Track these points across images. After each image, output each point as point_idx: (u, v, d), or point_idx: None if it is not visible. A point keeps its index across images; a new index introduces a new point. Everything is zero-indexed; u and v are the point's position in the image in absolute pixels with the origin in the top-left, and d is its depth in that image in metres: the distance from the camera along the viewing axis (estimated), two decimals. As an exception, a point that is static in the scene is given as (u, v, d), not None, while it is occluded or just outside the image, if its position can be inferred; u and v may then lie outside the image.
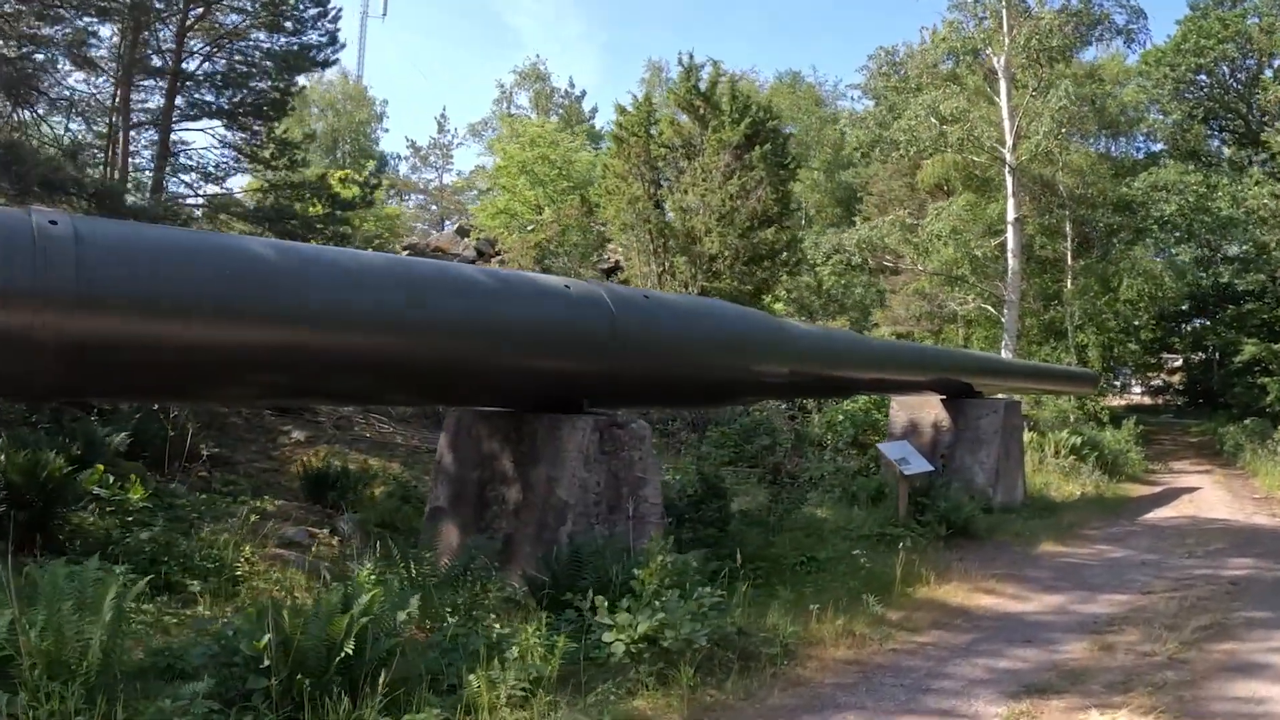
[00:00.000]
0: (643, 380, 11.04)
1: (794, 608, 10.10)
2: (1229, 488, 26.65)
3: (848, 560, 12.90)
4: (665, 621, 7.81)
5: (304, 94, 32.62)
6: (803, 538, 14.22)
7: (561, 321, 9.71)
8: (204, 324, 7.30)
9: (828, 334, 16.67)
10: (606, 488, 10.17)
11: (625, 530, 10.05)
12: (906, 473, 15.82)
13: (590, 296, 10.10)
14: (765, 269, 29.41)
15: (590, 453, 9.95)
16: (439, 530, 10.64)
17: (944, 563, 13.44)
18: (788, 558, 12.95)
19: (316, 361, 8.22)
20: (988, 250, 34.92)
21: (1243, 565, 14.27)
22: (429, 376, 9.24)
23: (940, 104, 32.37)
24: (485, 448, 10.68)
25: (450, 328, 8.85)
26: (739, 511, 14.56)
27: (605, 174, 32.08)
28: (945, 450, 20.05)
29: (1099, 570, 14.13)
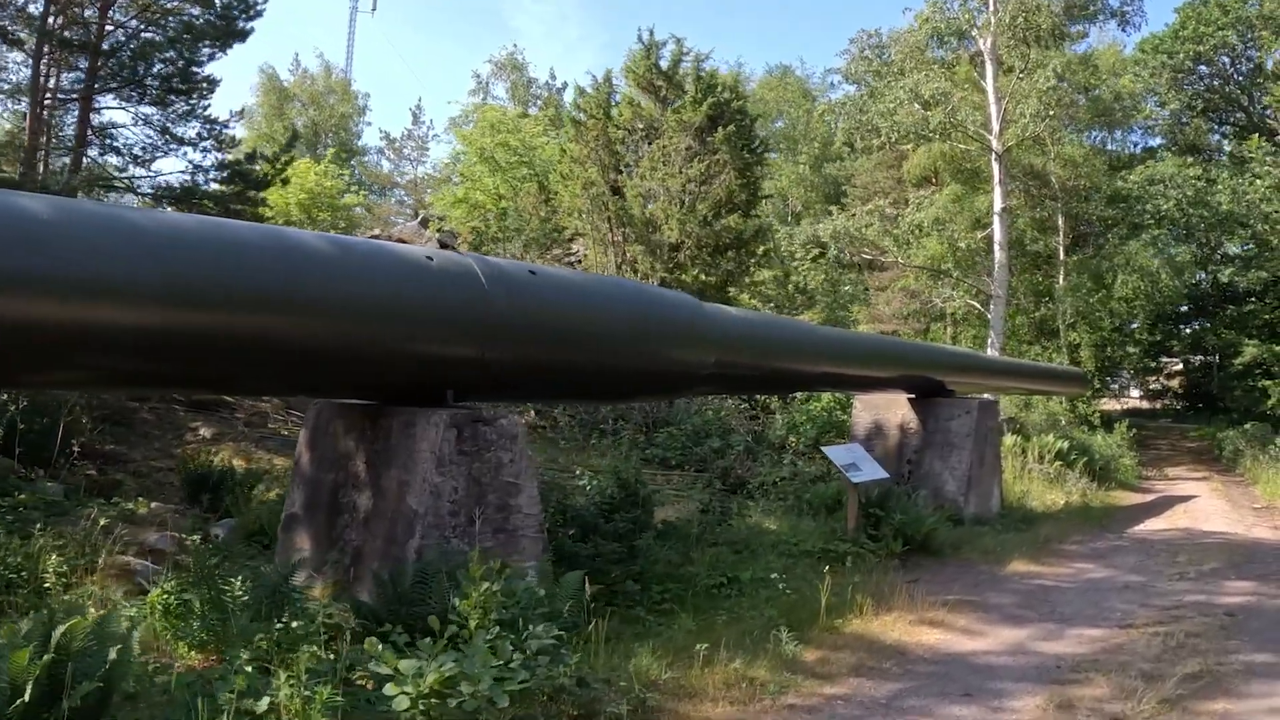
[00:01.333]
0: (525, 369, 9.49)
1: (684, 646, 8.27)
2: (1228, 496, 24.64)
3: (781, 580, 11.17)
4: (462, 672, 5.99)
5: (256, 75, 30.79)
6: (730, 554, 12.34)
7: (417, 297, 8.25)
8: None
9: (766, 320, 14.71)
10: (467, 495, 8.57)
11: (492, 546, 8.42)
12: (856, 480, 13.80)
13: (457, 270, 8.65)
14: (731, 259, 27.39)
15: (445, 453, 8.37)
16: (292, 541, 9.31)
17: (892, 586, 11.37)
18: (705, 579, 11.07)
19: (91, 343, 6.61)
20: (973, 243, 32.92)
21: (1241, 590, 12.23)
22: (248, 362, 7.62)
23: (921, 87, 30.33)
24: (341, 446, 9.20)
25: (273, 302, 7.31)
26: (661, 523, 12.83)
27: (562, 158, 30.13)
28: (912, 455, 18.05)
29: (1074, 595, 12.07)
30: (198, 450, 14.92)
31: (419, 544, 8.13)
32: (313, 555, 8.98)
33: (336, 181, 36.47)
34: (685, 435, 20.01)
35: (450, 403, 8.76)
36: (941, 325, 40.19)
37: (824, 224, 32.63)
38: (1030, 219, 37.30)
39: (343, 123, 63.59)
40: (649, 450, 19.78)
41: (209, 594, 7.28)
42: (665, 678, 7.48)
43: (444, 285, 8.45)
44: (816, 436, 20.74)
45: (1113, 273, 34.79)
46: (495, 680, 5.98)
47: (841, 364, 15.48)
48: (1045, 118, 29.60)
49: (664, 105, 28.31)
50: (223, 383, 9.33)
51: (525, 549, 8.85)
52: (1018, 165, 35.73)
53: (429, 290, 8.32)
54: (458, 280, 8.54)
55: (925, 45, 33.36)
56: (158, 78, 21.80)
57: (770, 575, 11.16)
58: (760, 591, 10.78)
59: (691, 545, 12.08)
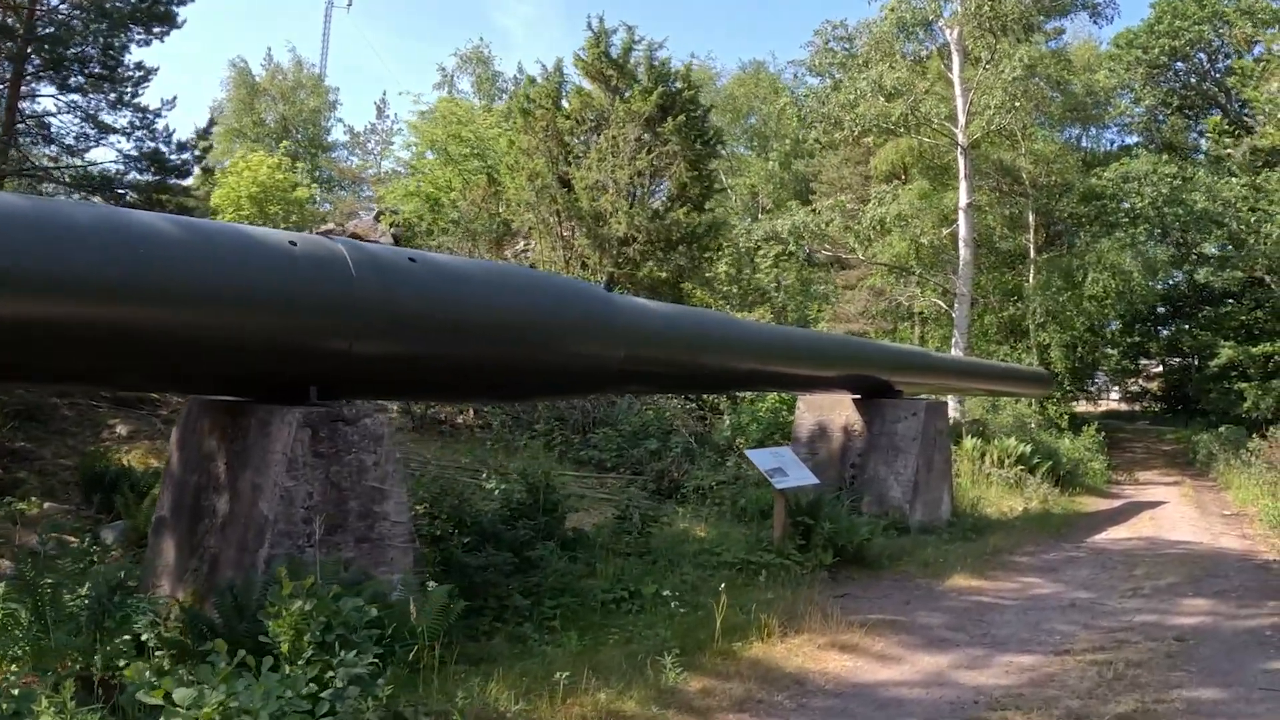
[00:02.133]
0: (401, 364, 8.82)
1: (556, 671, 7.24)
2: (1198, 502, 23.60)
3: (689, 595, 10.24)
4: (241, 705, 5.13)
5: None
6: (640, 565, 11.26)
7: (274, 285, 7.53)
8: None
9: (685, 314, 13.50)
10: (326, 500, 7.81)
11: (354, 556, 7.87)
12: (781, 486, 12.67)
13: (323, 255, 7.92)
14: (683, 254, 26.24)
15: (298, 455, 7.63)
16: (159, 546, 8.64)
17: (809, 603, 10.26)
18: (604, 593, 10.07)
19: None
20: (937, 240, 31.83)
21: (1197, 610, 11.11)
22: (86, 354, 6.92)
23: (885, 78, 29.23)
24: (205, 446, 8.47)
25: (107, 290, 6.59)
26: (572, 530, 12.03)
27: (510, 149, 28.98)
28: (856, 459, 16.96)
29: (1012, 615, 10.95)
30: (108, 449, 14.32)
31: (268, 553, 7.38)
32: (176, 561, 8.34)
33: (289, 175, 35.25)
34: (622, 436, 18.93)
35: (313, 400, 8.00)
36: (909, 325, 39.05)
37: (782, 219, 31.44)
38: (1000, 216, 36.27)
39: (312, 117, 62.52)
40: (584, 451, 18.76)
41: (33, 605, 6.75)
42: (514, 711, 6.60)
43: (306, 272, 7.69)
44: (762, 438, 19.60)
45: (1083, 271, 33.74)
46: (281, 714, 5.13)
47: (774, 361, 14.42)
48: (1011, 109, 28.52)
49: (615, 95, 27.13)
50: (65, 377, 8.45)
51: (393, 560, 8.11)
52: (988, 161, 34.76)
53: (288, 278, 7.58)
54: (322, 267, 7.79)
55: (892, 37, 32.27)
56: (77, 62, 20.71)
57: (677, 590, 10.21)
58: (663, 608, 9.76)
59: (598, 555, 11.19)
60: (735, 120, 56.14)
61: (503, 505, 11.27)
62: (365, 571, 7.70)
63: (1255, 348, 37.16)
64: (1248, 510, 21.13)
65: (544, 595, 9.48)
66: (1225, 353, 37.61)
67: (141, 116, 21.82)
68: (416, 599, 7.43)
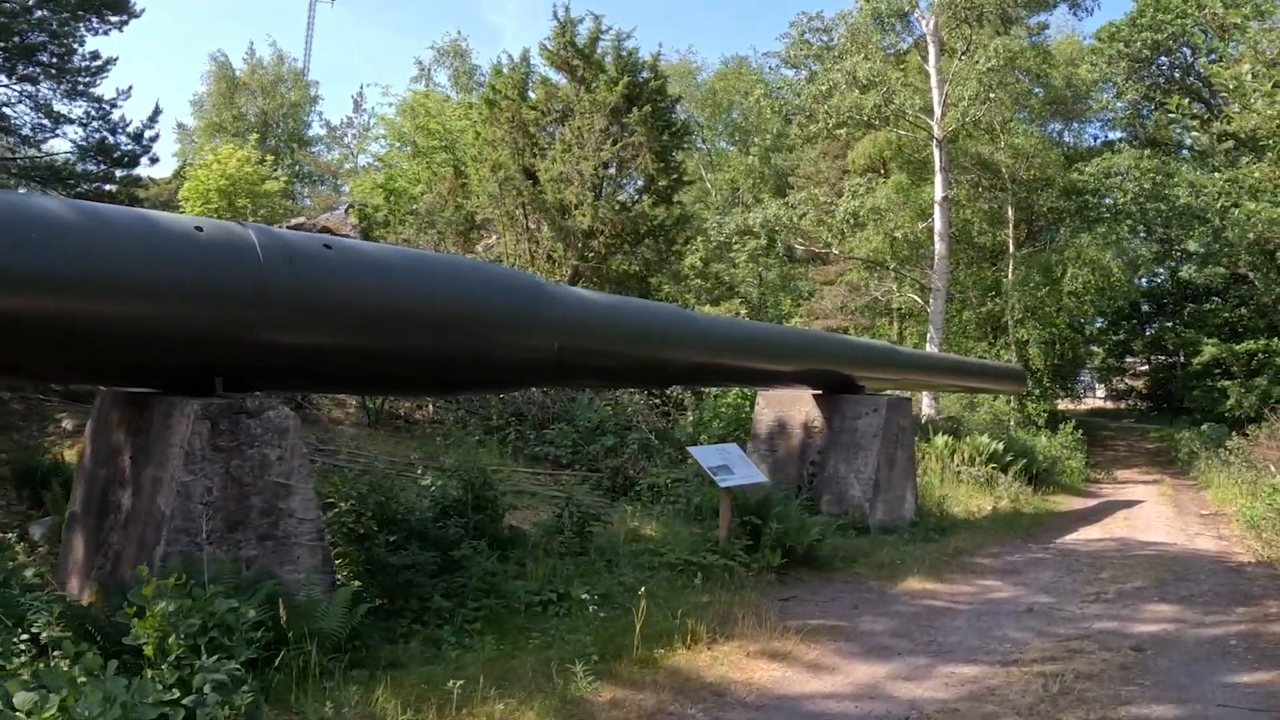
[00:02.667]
0: (314, 355, 8.46)
1: (463, 678, 6.82)
2: (1176, 501, 23.01)
3: (623, 597, 9.62)
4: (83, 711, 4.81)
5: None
6: (576, 566, 10.62)
7: (175, 272, 7.28)
8: None
9: (626, 304, 12.87)
10: (226, 496, 7.49)
11: (257, 555, 7.54)
12: (726, 484, 12.00)
13: (229, 242, 7.67)
14: (649, 247, 25.59)
15: (196, 449, 7.33)
16: (70, 541, 8.50)
17: (748, 607, 9.65)
18: (532, 595, 9.46)
19: None
20: (911, 234, 31.20)
21: (1161, 616, 10.47)
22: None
23: (858, 69, 28.59)
24: (114, 439, 8.31)
25: None
26: (509, 528, 11.50)
27: (476, 140, 28.31)
28: (816, 456, 16.31)
29: (964, 621, 10.30)
30: (52, 443, 13.87)
31: (164, 550, 7.09)
32: (84, 558, 8.15)
33: (258, 168, 34.52)
34: (578, 432, 18.30)
35: (219, 392, 7.74)
36: (887, 321, 38.44)
37: (754, 212, 30.76)
38: (979, 210, 35.67)
39: (293, 112, 61.92)
40: (538, 447, 18.10)
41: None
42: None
43: (210, 259, 7.44)
44: (724, 435, 18.95)
45: (1062, 267, 33.15)
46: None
47: (726, 354, 13.77)
48: (985, 100, 27.91)
49: (582, 85, 26.47)
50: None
51: (300, 559, 7.74)
52: (967, 155, 34.15)
53: (191, 264, 7.33)
54: (229, 254, 7.54)
55: (869, 28, 31.68)
56: (28, 50, 20.16)
57: (611, 593, 9.75)
58: (588, 610, 9.14)
59: (530, 555, 10.61)
60: (717, 115, 55.48)
61: (434, 502, 10.79)
62: (269, 571, 7.36)
63: (1239, 345, 36.67)
64: (1226, 510, 20.56)
65: (467, 597, 9.03)
66: (1208, 350, 37.14)
67: (97, 107, 21.53)
68: (317, 601, 7.30)
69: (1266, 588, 11.85)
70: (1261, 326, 37.29)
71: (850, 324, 38.63)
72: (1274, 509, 16.21)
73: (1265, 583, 12.23)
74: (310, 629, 6.91)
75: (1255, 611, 10.50)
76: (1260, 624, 9.88)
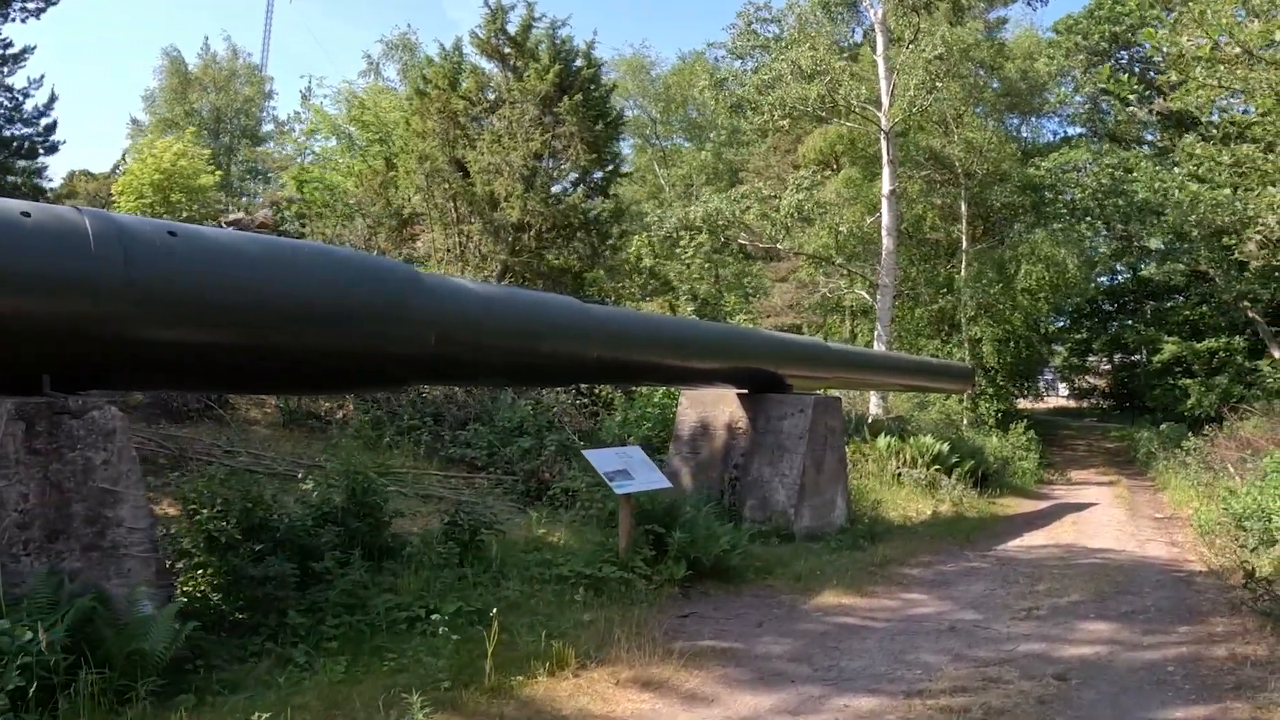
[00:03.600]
0: (152, 351, 7.69)
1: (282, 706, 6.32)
2: (1130, 504, 22.05)
3: (504, 614, 8.40)
4: None
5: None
6: (456, 579, 9.66)
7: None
8: None
9: (515, 295, 11.73)
10: (44, 504, 6.80)
11: (82, 567, 6.86)
12: (624, 490, 10.91)
13: (58, 228, 7.04)
14: (582, 241, 24.47)
15: (10, 452, 6.70)
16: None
17: (632, 625, 8.62)
18: (400, 610, 8.62)
19: None
20: (859, 229, 30.17)
21: (1095, 637, 9.39)
22: None
23: (801, 59, 27.55)
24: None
25: None
26: (392, 537, 10.49)
27: (407, 131, 27.12)
28: (739, 459, 15.20)
29: (875, 642, 9.20)
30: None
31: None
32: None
33: (194, 161, 33.24)
34: (494, 433, 17.18)
35: (46, 390, 7.08)
36: (838, 319, 37.44)
37: (695, 206, 29.59)
38: (931, 205, 34.69)
39: (246, 107, 60.92)
40: (453, 449, 16.96)
41: None
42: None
43: (34, 246, 6.85)
44: (650, 436, 17.85)
45: (1016, 263, 32.19)
46: None
47: (633, 351, 12.69)
48: (932, 89, 26.92)
49: (514, 75, 25.33)
50: None
51: (131, 571, 7.03)
52: (920, 149, 33.19)
53: (12, 251, 6.74)
54: (56, 241, 6.94)
55: (817, 18, 30.65)
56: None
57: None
58: (467, 627, 8.41)
59: (405, 566, 9.72)
60: (671, 111, 54.53)
61: (312, 509, 9.99)
62: (95, 584, 6.74)
63: (1200, 344, 35.94)
64: (1182, 513, 19.58)
65: (329, 612, 8.27)
66: (1169, 349, 36.47)
67: (9, 96, 20.77)
68: (145, 618, 6.69)
69: (1215, 602, 10.79)
70: (1223, 325, 36.65)
71: (803, 322, 37.69)
72: (1229, 514, 15.22)
73: (1214, 596, 11.17)
74: (129, 649, 6.34)
75: (1199, 631, 9.44)
76: (1203, 646, 8.81)
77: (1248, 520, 14.23)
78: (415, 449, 16.67)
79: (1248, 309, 34.41)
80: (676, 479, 15.43)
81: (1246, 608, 9.78)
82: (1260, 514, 13.88)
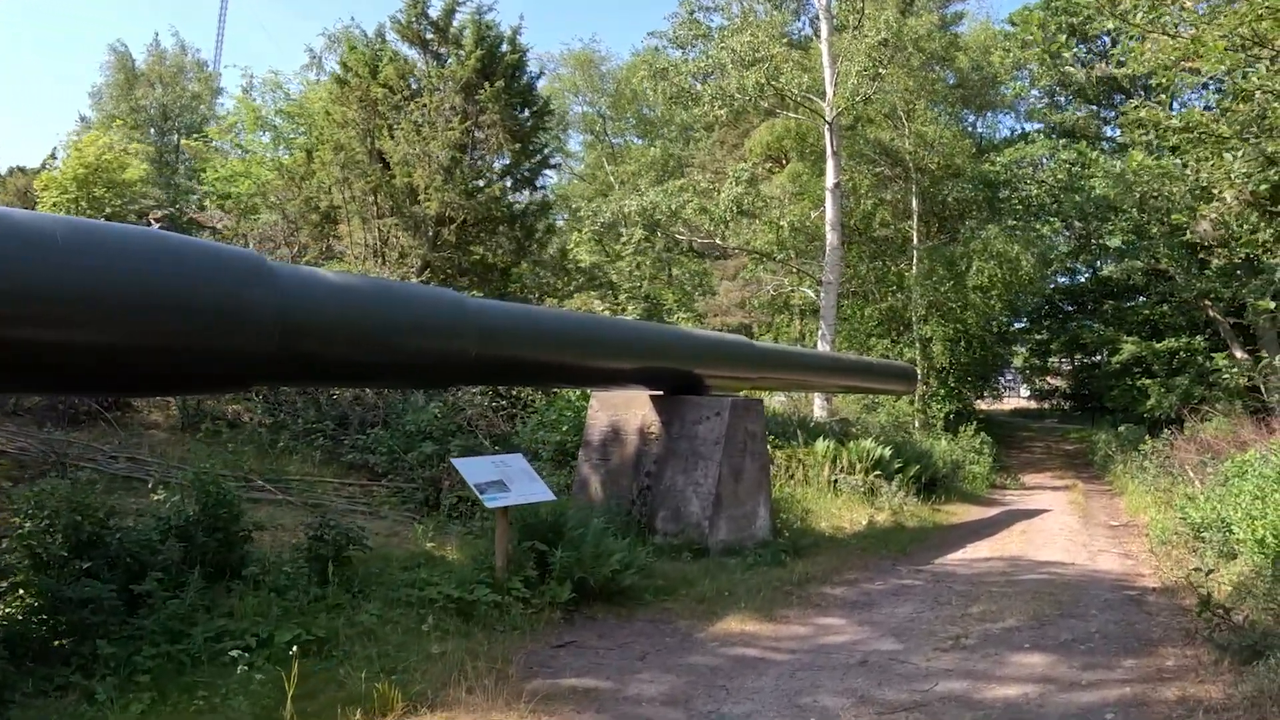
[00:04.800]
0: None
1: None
2: (1085, 510, 20.86)
3: (354, 644, 7.86)
4: None
5: None
6: (308, 604, 8.53)
7: None
8: None
9: (377, 286, 10.34)
10: None
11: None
12: (496, 504, 9.58)
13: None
14: (505, 235, 23.11)
15: None
16: None
17: (499, 659, 7.55)
18: (231, 639, 7.55)
19: None
20: (804, 224, 28.91)
21: (1026, 673, 8.06)
22: None
23: (738, 44, 26.27)
24: None
25: None
26: (246, 552, 9.42)
27: (325, 121, 25.69)
28: (651, 467, 13.83)
29: (772, 680, 7.87)
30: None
31: None
32: None
33: (119, 155, 31.75)
34: (394, 438, 15.84)
35: None
36: (785, 318, 36.19)
37: (630, 199, 28.15)
38: (882, 201, 33.48)
39: (193, 104, 59.46)
40: (351, 455, 15.73)
41: None
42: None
43: None
44: (563, 440, 16.50)
45: (967, 259, 30.97)
46: None
47: (524, 348, 11.30)
48: (875, 76, 25.67)
49: (437, 61, 23.99)
50: None
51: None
52: (870, 143, 31.99)
53: None
54: None
55: (758, 4, 29.44)
56: None
57: (329, 635, 7.84)
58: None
59: (250, 588, 8.64)
60: (623, 108, 53.26)
61: (161, 522, 9.08)
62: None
63: (1159, 344, 34.88)
64: (1139, 520, 18.39)
65: (148, 641, 7.34)
66: (1128, 348, 35.39)
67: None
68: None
69: (1167, 628, 9.48)
70: (1183, 324, 35.68)
71: (752, 321, 36.51)
72: (1186, 524, 14.01)
73: (1166, 619, 9.87)
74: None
75: (1147, 666, 8.12)
76: (1150, 685, 7.51)
77: (1206, 531, 13.06)
78: (310, 452, 15.44)
79: (1209, 308, 33.38)
80: (586, 488, 14.15)
81: (1202, 637, 8.47)
82: (1220, 524, 12.69)
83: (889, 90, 28.49)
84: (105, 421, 14.88)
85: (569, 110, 54.01)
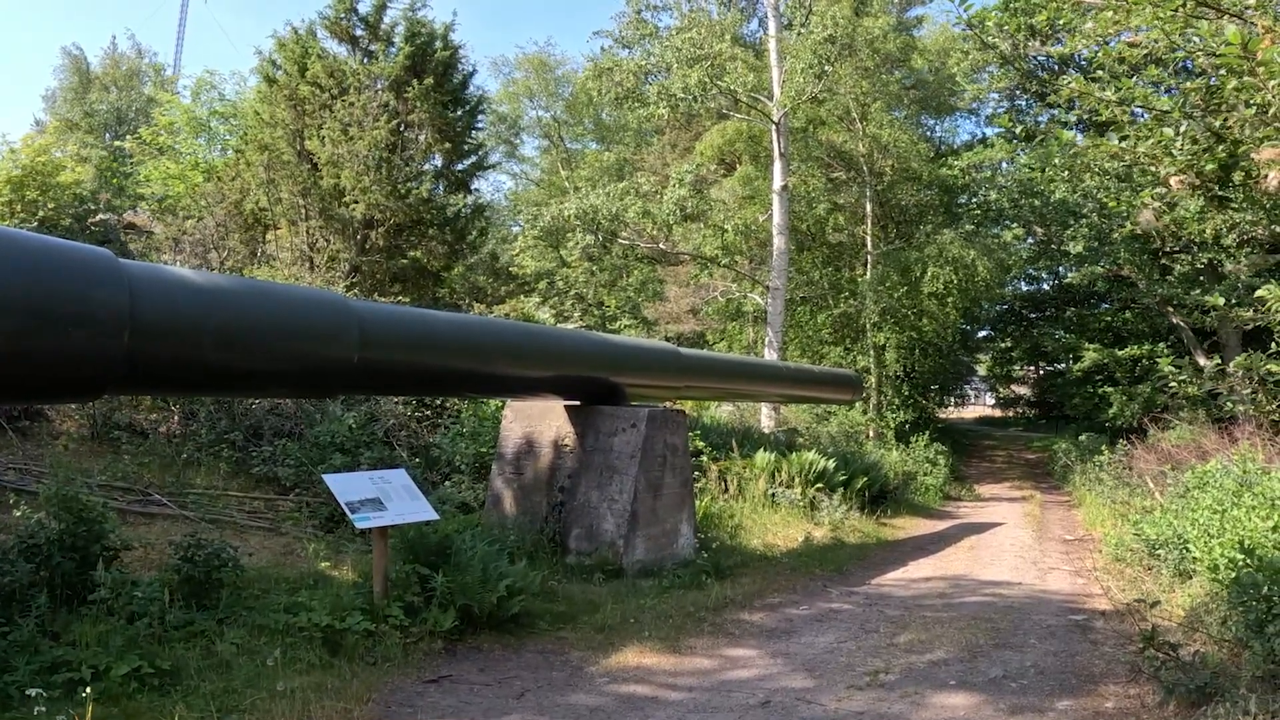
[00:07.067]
0: None
1: None
2: (1040, 524, 19.97)
3: (202, 674, 7.11)
4: None
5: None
6: (163, 632, 7.73)
7: None
8: None
9: (245, 288, 9.24)
10: None
11: None
12: (368, 524, 8.60)
13: None
14: (435, 238, 22.10)
15: None
16: None
17: (353, 699, 6.67)
18: (67, 671, 6.79)
19: None
20: (752, 227, 27.98)
21: (944, 717, 7.08)
22: None
23: (680, 40, 25.38)
24: None
25: None
26: (115, 573, 8.34)
27: (254, 121, 24.65)
28: (566, 482, 12.83)
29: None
30: None
31: None
32: None
33: (56, 158, 30.59)
34: (303, 449, 14.86)
35: None
36: (736, 325, 35.27)
37: (569, 202, 27.09)
38: (835, 205, 32.60)
39: (148, 107, 58.56)
40: (260, 467, 14.77)
41: None
42: None
43: None
44: (484, 452, 15.49)
45: (921, 265, 30.09)
46: None
47: (420, 354, 10.30)
48: (821, 74, 24.79)
49: (367, 59, 23.00)
50: None
51: None
52: (822, 145, 31.11)
53: None
54: None
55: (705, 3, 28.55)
56: None
57: (174, 668, 7.08)
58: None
59: (101, 614, 7.88)
60: (579, 112, 52.37)
61: (19, 541, 8.37)
62: None
63: (1122, 351, 34.04)
64: (1095, 534, 17.50)
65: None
66: (1089, 356, 34.45)
67: None
68: None
69: (1111, 660, 8.53)
70: (1145, 331, 34.85)
71: (705, 329, 35.60)
72: (1141, 539, 13.12)
73: (1111, 650, 8.92)
74: None
75: (1083, 707, 7.17)
76: (1084, 732, 6.55)
77: (1161, 548, 12.18)
78: (215, 463, 14.53)
79: (1171, 314, 32.61)
80: (499, 503, 13.18)
81: (1147, 673, 7.52)
82: (1176, 541, 11.80)
83: (840, 92, 27.56)
84: (15, 432, 14.03)
85: (524, 114, 53.14)
